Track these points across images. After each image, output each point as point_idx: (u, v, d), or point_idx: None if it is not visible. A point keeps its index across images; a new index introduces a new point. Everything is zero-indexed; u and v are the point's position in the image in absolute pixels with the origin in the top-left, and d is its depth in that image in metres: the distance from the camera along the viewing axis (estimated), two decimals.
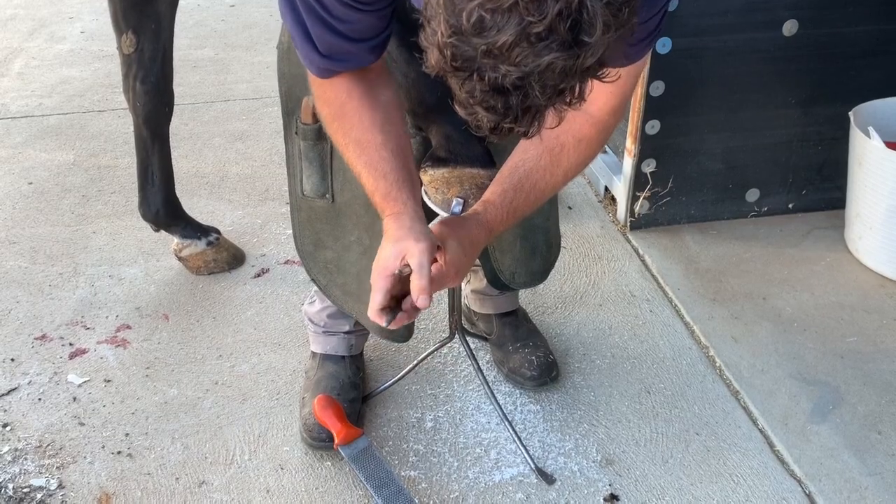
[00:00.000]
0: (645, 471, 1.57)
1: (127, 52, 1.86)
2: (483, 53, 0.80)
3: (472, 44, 0.80)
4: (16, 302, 2.00)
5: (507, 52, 0.79)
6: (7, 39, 3.53)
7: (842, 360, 1.83)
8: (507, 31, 0.78)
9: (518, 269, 1.58)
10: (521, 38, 0.78)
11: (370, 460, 1.52)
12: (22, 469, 1.57)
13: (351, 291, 1.53)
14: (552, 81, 0.82)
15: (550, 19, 0.77)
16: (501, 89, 0.82)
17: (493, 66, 0.81)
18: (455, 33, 0.80)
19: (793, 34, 2.05)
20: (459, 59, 0.82)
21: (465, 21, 0.79)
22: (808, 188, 2.30)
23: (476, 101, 0.85)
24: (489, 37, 0.79)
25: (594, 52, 0.80)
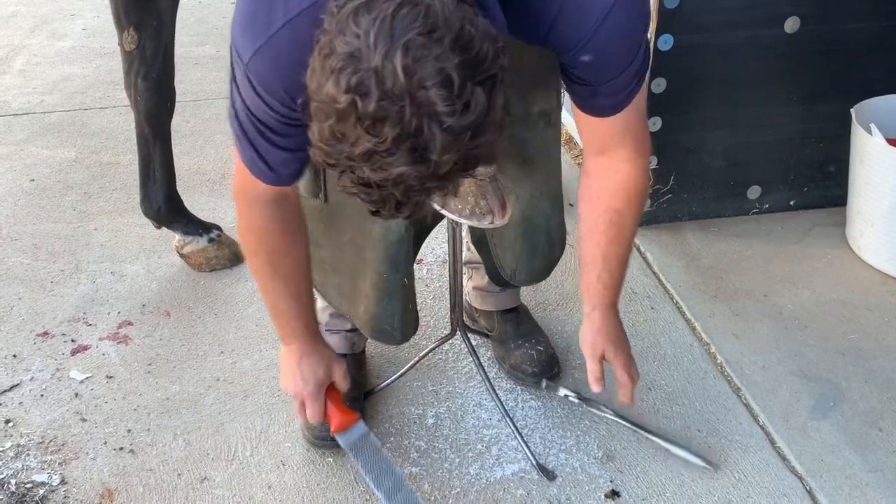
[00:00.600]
0: (646, 467, 1.57)
1: (128, 49, 1.86)
2: (345, 158, 0.89)
3: (336, 148, 0.89)
4: (18, 298, 2.01)
5: (365, 161, 0.88)
6: (9, 36, 3.53)
7: (843, 357, 1.83)
8: (359, 145, 0.86)
9: (519, 266, 1.58)
10: (371, 153, 0.86)
11: (368, 449, 1.49)
12: (24, 465, 1.58)
13: (345, 292, 1.53)
14: (414, 184, 0.90)
15: (390, 142, 0.85)
16: (369, 185, 0.91)
17: (357, 167, 0.90)
18: (321, 139, 0.89)
19: (795, 31, 2.05)
20: (329, 159, 0.91)
21: (326, 132, 0.88)
22: (809, 185, 2.30)
23: (352, 193, 0.94)
24: (345, 149, 0.88)
25: (445, 165, 0.88)
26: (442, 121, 0.85)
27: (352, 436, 1.47)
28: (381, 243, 1.42)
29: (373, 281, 1.46)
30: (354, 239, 1.46)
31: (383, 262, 1.44)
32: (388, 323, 1.51)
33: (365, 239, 1.44)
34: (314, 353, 1.41)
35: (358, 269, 1.48)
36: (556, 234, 1.63)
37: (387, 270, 1.45)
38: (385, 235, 1.42)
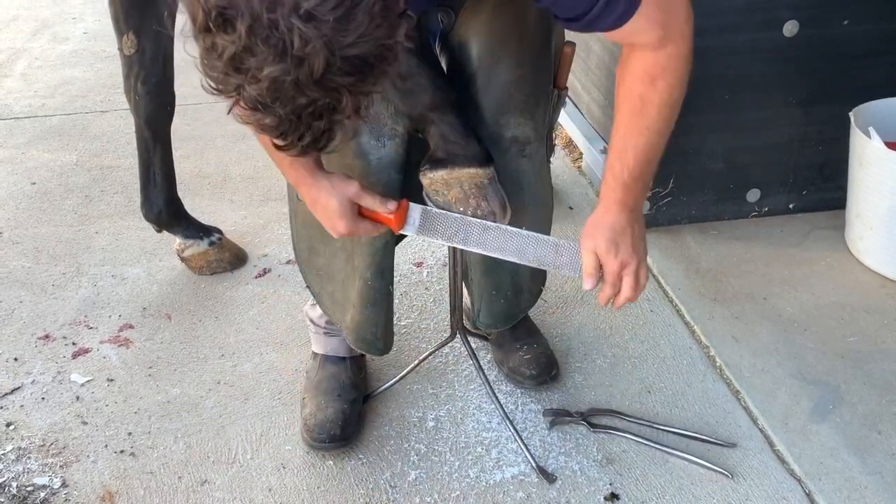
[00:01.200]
0: (645, 470, 1.58)
1: (128, 54, 1.86)
2: (223, 73, 0.86)
3: (212, 64, 0.86)
4: (19, 302, 2.01)
5: (237, 70, 0.84)
6: (10, 40, 3.54)
7: (842, 360, 1.83)
8: (225, 52, 0.83)
9: (482, 307, 1.57)
10: (238, 58, 0.83)
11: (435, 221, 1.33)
12: (25, 468, 1.58)
13: (337, 299, 1.53)
14: (297, 97, 0.85)
15: (245, 37, 0.81)
16: (256, 107, 0.88)
17: (240, 85, 0.86)
18: (200, 61, 0.87)
19: (793, 34, 2.06)
20: (214, 81, 0.88)
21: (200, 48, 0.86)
22: (808, 188, 2.30)
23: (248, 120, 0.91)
24: (217, 55, 0.85)
25: (314, 63, 0.83)
26: (297, 4, 0.80)
27: (413, 223, 1.32)
28: (368, 248, 1.42)
29: (358, 288, 1.47)
30: (345, 245, 1.46)
31: (369, 267, 1.44)
32: (370, 332, 1.51)
33: (354, 245, 1.44)
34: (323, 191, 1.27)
35: (349, 276, 1.48)
36: (525, 279, 1.58)
37: (371, 277, 1.45)
38: (372, 241, 1.41)
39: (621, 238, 1.23)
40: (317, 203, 1.28)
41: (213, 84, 0.89)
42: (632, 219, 1.25)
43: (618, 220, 1.23)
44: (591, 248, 1.24)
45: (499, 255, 1.31)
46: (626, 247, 1.24)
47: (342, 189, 1.25)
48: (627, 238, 1.24)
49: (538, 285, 1.66)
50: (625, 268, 1.24)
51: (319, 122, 0.91)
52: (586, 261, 1.25)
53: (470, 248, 1.32)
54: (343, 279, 1.49)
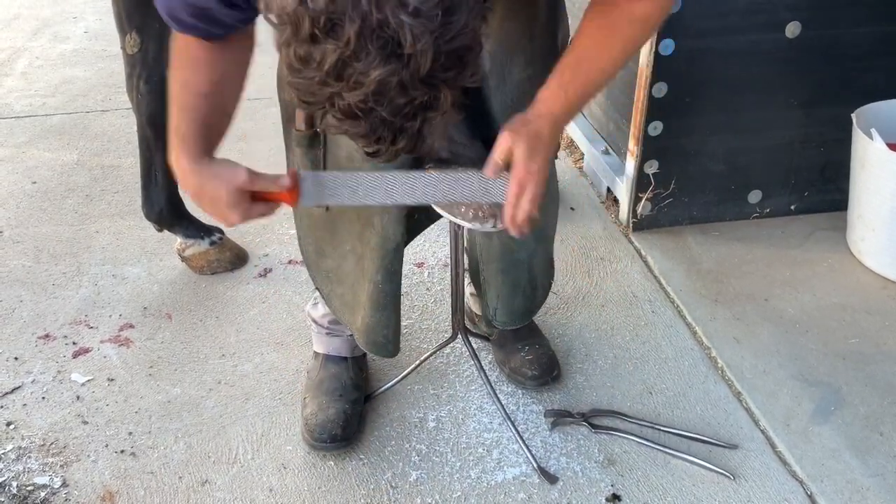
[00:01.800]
0: (647, 471, 1.57)
1: (130, 53, 1.86)
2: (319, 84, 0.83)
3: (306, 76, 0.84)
4: (19, 301, 2.01)
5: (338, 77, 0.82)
6: (11, 39, 3.54)
7: (844, 362, 1.83)
8: (328, 58, 0.81)
9: (499, 305, 1.57)
10: (342, 64, 0.81)
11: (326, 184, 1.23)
12: (26, 467, 1.58)
13: (347, 302, 1.53)
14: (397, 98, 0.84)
15: (354, 41, 0.80)
16: (353, 115, 0.85)
17: (335, 94, 0.84)
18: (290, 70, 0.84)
19: (795, 36, 2.06)
20: (305, 94, 0.86)
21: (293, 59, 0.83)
22: (810, 190, 2.30)
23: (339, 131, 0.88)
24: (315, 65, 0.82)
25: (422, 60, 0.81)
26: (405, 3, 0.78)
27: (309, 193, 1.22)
28: (379, 251, 1.42)
29: (369, 291, 1.46)
30: (355, 248, 1.45)
31: (379, 271, 1.44)
32: (381, 335, 1.51)
33: (364, 248, 1.44)
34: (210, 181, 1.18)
35: (358, 278, 1.48)
36: (540, 275, 1.59)
37: (382, 280, 1.44)
38: (382, 244, 1.41)
39: (540, 148, 1.16)
40: (203, 193, 1.18)
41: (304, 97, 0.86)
42: (555, 135, 1.19)
43: (545, 129, 1.16)
44: (508, 145, 1.15)
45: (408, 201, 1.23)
46: (541, 159, 1.16)
47: (230, 178, 1.16)
48: (544, 151, 1.17)
49: (549, 279, 1.66)
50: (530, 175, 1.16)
51: (414, 123, 0.88)
52: (498, 152, 1.15)
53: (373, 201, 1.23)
54: (353, 282, 1.49)
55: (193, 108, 1.18)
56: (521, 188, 1.15)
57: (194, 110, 1.18)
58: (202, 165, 1.18)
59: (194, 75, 1.17)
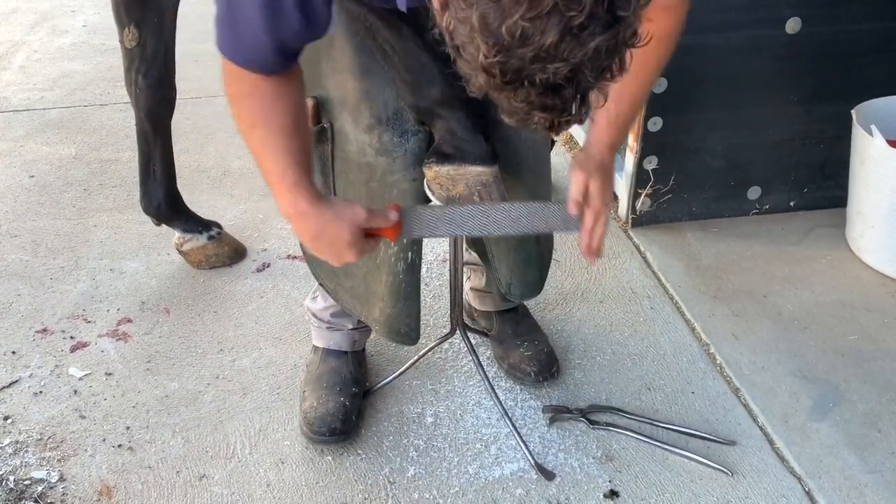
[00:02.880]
0: (645, 467, 1.57)
1: (129, 47, 1.85)
2: (531, 60, 0.81)
3: (519, 55, 0.81)
4: (17, 295, 2.01)
5: (553, 51, 0.80)
6: (9, 32, 3.53)
7: (842, 358, 1.83)
8: (550, 32, 0.79)
9: (514, 280, 1.58)
10: (565, 34, 0.80)
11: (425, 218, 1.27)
12: (23, 461, 1.58)
13: (358, 294, 1.53)
14: (600, 63, 0.83)
15: (590, 7, 0.79)
16: (555, 87, 0.84)
17: (541, 68, 0.82)
18: (499, 51, 0.81)
19: (796, 32, 2.05)
20: (509, 74, 0.83)
21: (506, 36, 0.80)
22: (809, 186, 2.30)
23: (534, 107, 0.86)
24: (534, 43, 0.80)
25: (632, 22, 0.83)
26: None
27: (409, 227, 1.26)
28: (399, 244, 1.42)
29: (388, 283, 1.46)
30: None
31: (400, 262, 1.44)
32: (404, 324, 1.51)
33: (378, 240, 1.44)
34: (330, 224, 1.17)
35: (371, 271, 1.48)
36: (545, 242, 1.61)
37: (402, 272, 1.45)
38: None
39: (609, 179, 1.28)
40: (321, 236, 1.18)
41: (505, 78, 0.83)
42: (614, 161, 1.30)
43: (608, 160, 1.26)
44: (584, 181, 1.24)
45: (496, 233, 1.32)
46: (610, 188, 1.29)
47: (352, 217, 1.16)
48: (611, 180, 1.29)
49: (552, 246, 1.69)
50: (605, 208, 1.27)
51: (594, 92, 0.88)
52: (577, 192, 1.24)
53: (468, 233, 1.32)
54: (364, 274, 1.49)
55: (288, 149, 1.15)
56: (597, 219, 1.26)
57: (290, 152, 1.15)
58: (321, 208, 1.16)
59: (276, 114, 1.14)
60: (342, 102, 1.35)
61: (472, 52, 0.83)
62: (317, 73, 1.34)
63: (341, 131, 1.36)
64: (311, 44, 1.33)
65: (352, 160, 1.37)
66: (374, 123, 1.34)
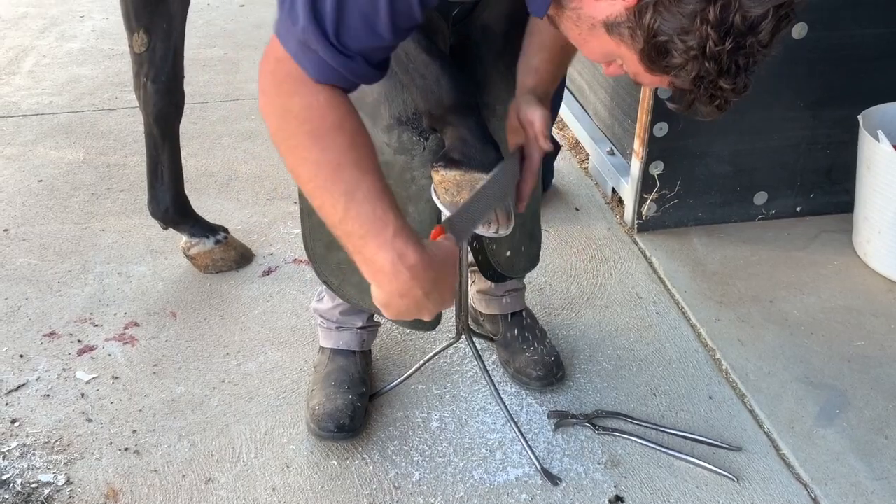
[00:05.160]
0: (650, 473, 1.57)
1: (138, 52, 1.87)
2: (751, 47, 0.88)
3: (748, 43, 0.88)
4: (25, 298, 2.02)
5: (767, 37, 0.88)
6: (18, 38, 3.55)
7: (849, 364, 1.82)
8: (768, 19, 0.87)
9: (517, 256, 1.61)
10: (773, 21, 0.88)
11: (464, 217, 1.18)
12: (30, 464, 1.58)
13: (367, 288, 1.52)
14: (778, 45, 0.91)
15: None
16: (750, 68, 0.91)
17: (763, 54, 0.90)
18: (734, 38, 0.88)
19: (802, 37, 2.05)
20: (734, 60, 0.89)
21: (741, 25, 0.87)
22: (816, 191, 2.29)
23: (737, 91, 0.92)
24: (760, 30, 0.87)
25: None
26: None
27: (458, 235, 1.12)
28: None
29: None
30: None
31: None
32: None
33: None
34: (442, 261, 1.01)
35: None
36: (532, 219, 1.67)
37: None
38: (419, 230, 1.41)
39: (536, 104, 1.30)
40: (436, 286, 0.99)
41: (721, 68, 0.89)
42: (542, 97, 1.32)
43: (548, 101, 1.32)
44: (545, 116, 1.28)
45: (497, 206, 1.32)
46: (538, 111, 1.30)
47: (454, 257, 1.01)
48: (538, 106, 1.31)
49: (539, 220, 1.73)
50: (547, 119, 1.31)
51: None
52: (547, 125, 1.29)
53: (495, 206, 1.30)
54: None
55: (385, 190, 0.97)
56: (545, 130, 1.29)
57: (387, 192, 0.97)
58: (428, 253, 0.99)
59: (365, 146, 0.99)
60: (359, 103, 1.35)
61: (694, 43, 0.88)
62: None
63: None
64: None
65: None
66: (393, 124, 1.36)
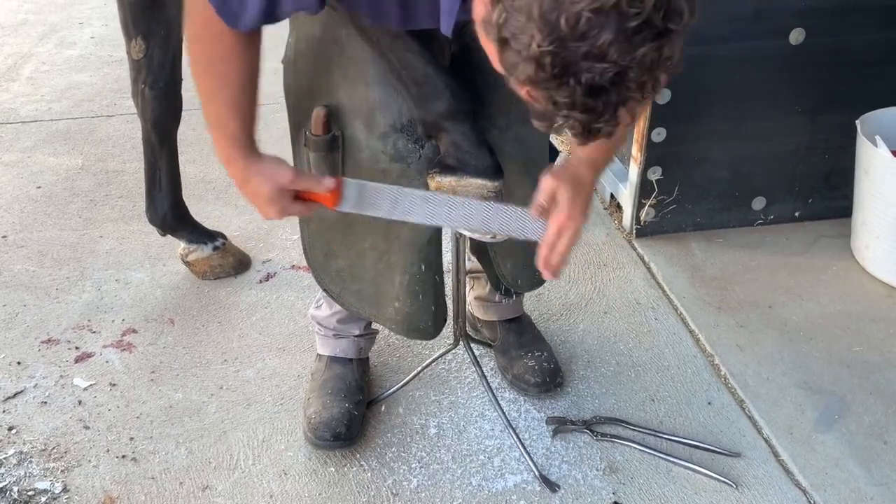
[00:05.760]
0: (649, 479, 1.57)
1: (136, 58, 1.87)
2: (583, 55, 0.81)
3: (572, 48, 0.81)
4: (23, 305, 2.01)
5: (606, 49, 0.80)
6: (18, 44, 3.56)
7: (848, 370, 1.82)
8: (607, 29, 0.79)
9: (521, 273, 1.59)
10: (620, 34, 0.80)
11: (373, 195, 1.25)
12: (27, 472, 1.58)
13: (367, 296, 1.53)
14: (643, 74, 0.83)
15: (648, 11, 0.79)
16: (598, 89, 0.84)
17: (590, 67, 0.82)
18: (554, 41, 0.81)
19: (800, 43, 2.05)
20: (558, 66, 0.83)
21: (564, 27, 0.80)
22: (814, 197, 2.29)
23: (575, 107, 0.86)
24: (590, 38, 0.80)
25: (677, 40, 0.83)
26: None
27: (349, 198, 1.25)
28: (413, 246, 1.43)
29: (402, 283, 1.47)
30: (376, 244, 1.46)
31: (415, 263, 1.45)
32: (423, 321, 1.52)
33: (389, 243, 1.45)
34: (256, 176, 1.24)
35: (382, 273, 1.48)
36: None
37: (419, 271, 1.46)
38: (414, 239, 1.43)
39: (581, 193, 1.21)
40: (246, 185, 1.26)
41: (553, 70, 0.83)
42: (593, 181, 1.24)
43: (584, 175, 1.22)
44: (552, 187, 1.19)
45: (445, 224, 1.29)
46: (581, 204, 1.21)
47: (275, 177, 1.22)
48: (584, 196, 1.22)
49: None
50: (571, 221, 1.20)
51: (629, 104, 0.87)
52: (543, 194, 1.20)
53: (412, 218, 1.26)
54: (373, 277, 1.50)
55: (237, 104, 1.22)
56: (559, 233, 1.19)
57: (238, 106, 1.23)
58: (250, 161, 1.24)
59: (233, 69, 1.20)
60: (354, 111, 1.36)
61: (524, 42, 0.83)
62: (328, 83, 1.35)
63: (353, 139, 1.38)
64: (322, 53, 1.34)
65: (364, 167, 1.37)
66: (388, 131, 1.35)
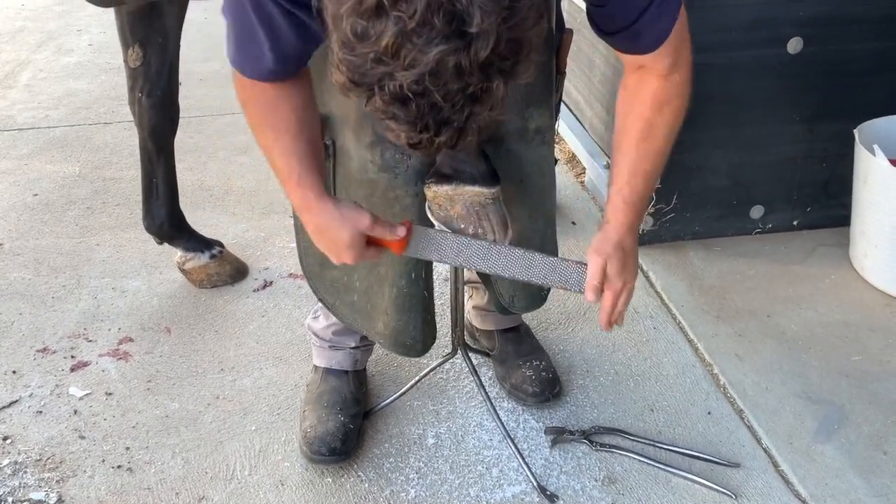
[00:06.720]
0: (648, 490, 1.56)
1: (133, 66, 1.87)
2: (373, 62, 0.81)
3: (360, 53, 0.81)
4: (18, 314, 2.00)
5: (394, 55, 0.80)
6: (15, 51, 3.56)
7: (847, 379, 1.81)
8: (386, 32, 0.79)
9: (517, 292, 1.58)
10: (402, 38, 0.79)
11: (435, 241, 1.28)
12: (21, 482, 1.57)
13: (360, 309, 1.52)
14: (452, 82, 0.82)
15: (421, 13, 0.78)
16: (403, 98, 0.83)
17: (388, 74, 0.81)
18: (343, 46, 0.82)
19: (798, 51, 2.05)
20: (355, 73, 0.83)
21: (348, 32, 0.80)
22: (812, 205, 2.29)
23: (385, 116, 0.86)
24: (371, 41, 0.80)
25: (484, 42, 0.80)
26: None
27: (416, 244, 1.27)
28: (401, 259, 1.42)
29: (391, 296, 1.46)
30: None
31: (402, 276, 1.44)
32: (410, 336, 1.51)
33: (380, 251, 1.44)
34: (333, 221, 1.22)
35: (373, 285, 1.48)
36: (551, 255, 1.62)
37: (406, 285, 1.45)
38: None
39: (629, 259, 1.26)
40: (323, 232, 1.23)
41: (353, 77, 0.83)
42: (636, 239, 1.29)
43: (627, 240, 1.26)
44: (601, 265, 1.23)
45: (503, 274, 1.30)
46: (631, 267, 1.27)
47: (354, 221, 1.20)
48: (632, 259, 1.27)
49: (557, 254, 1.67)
50: (626, 286, 1.26)
51: (461, 115, 0.86)
52: (594, 275, 1.24)
53: (475, 267, 1.31)
54: (365, 289, 1.49)
55: (293, 149, 1.22)
56: (616, 298, 1.25)
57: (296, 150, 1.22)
58: (327, 204, 1.22)
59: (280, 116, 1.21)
60: (344, 120, 1.35)
61: (331, 47, 0.84)
62: (320, 92, 1.35)
63: (343, 148, 1.37)
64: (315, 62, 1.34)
65: (353, 176, 1.37)
66: (376, 141, 1.34)
